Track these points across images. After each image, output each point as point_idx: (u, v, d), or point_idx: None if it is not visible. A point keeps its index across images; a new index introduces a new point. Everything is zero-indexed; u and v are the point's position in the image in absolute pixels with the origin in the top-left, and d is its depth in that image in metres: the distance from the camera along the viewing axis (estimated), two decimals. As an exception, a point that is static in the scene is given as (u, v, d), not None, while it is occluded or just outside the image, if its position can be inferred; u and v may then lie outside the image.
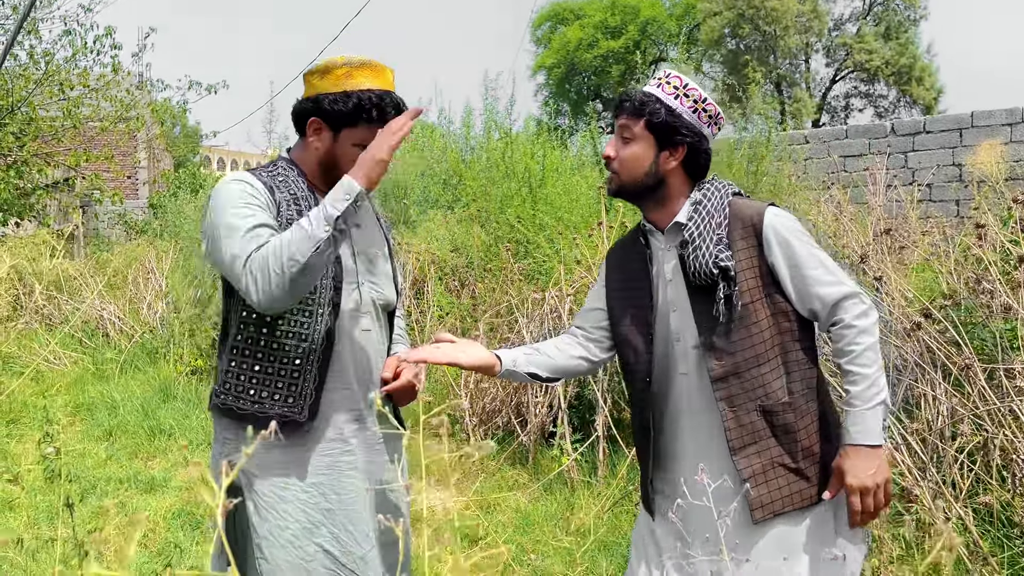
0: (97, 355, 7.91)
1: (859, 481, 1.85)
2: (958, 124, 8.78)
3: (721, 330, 1.93)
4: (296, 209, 1.93)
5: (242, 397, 1.92)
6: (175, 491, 4.66)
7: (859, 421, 1.86)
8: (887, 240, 5.17)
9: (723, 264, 1.90)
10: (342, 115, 1.93)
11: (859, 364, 1.88)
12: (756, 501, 1.90)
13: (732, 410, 1.93)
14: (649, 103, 2.01)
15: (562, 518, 3.97)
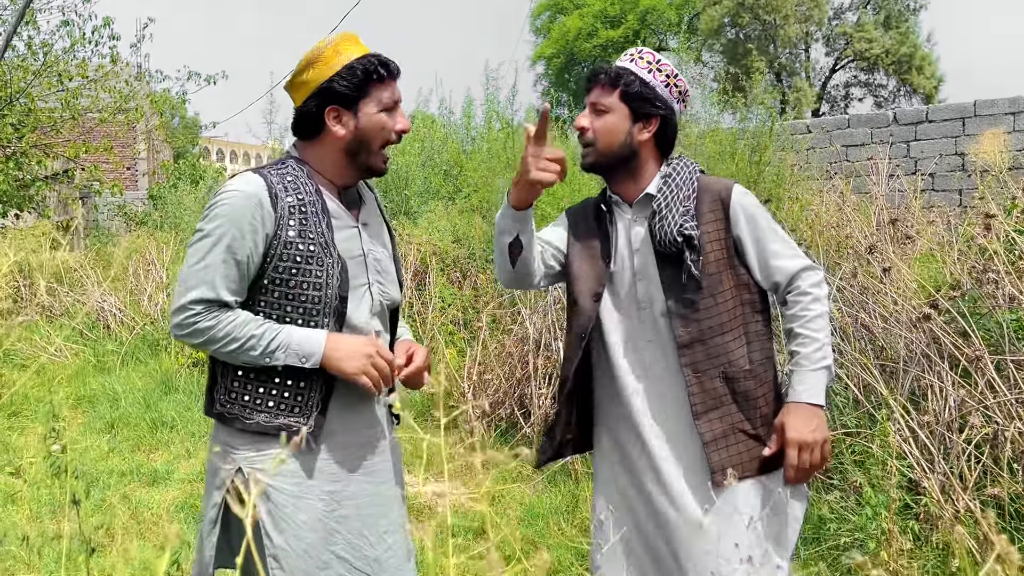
0: (98, 347, 7.89)
1: (799, 435, 1.93)
2: (961, 113, 8.74)
3: (688, 298, 2.01)
4: (300, 218, 1.87)
5: (248, 407, 1.88)
6: (178, 484, 4.65)
7: (804, 380, 1.97)
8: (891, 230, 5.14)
9: (687, 233, 1.98)
10: (356, 87, 1.91)
11: (810, 328, 1.99)
12: (716, 464, 1.97)
13: (696, 376, 2.00)
14: (624, 75, 2.08)
15: (567, 510, 3.96)
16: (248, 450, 1.89)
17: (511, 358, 5.13)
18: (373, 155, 1.95)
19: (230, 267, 1.83)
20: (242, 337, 1.82)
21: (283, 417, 1.87)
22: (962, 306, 3.43)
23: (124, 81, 12.65)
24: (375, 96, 1.92)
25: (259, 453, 1.88)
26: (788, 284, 2.04)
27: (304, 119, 1.96)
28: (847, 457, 3.42)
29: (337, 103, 1.92)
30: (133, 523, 4.09)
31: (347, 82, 1.90)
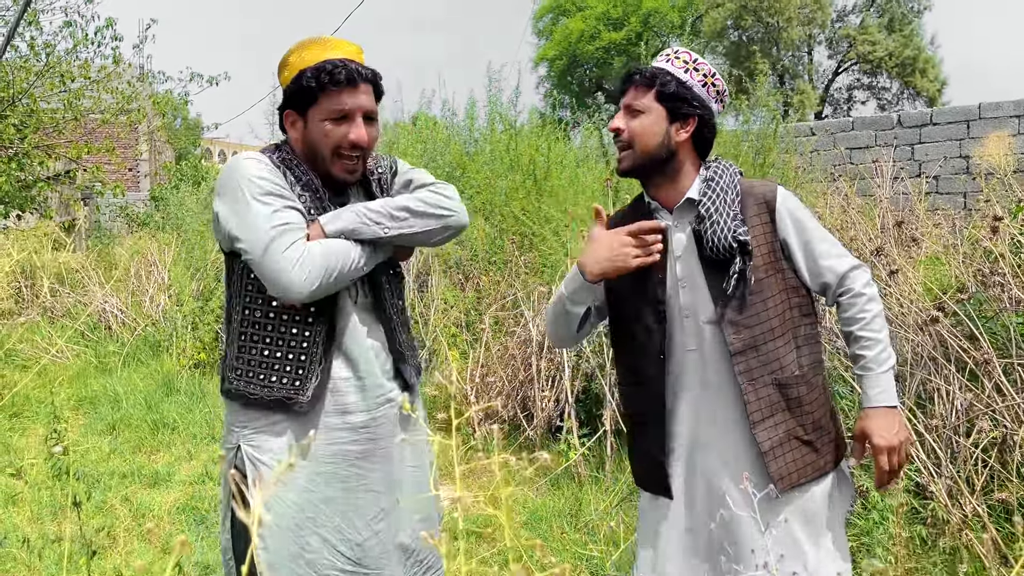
0: (100, 348, 7.88)
1: (886, 441, 1.92)
2: (965, 116, 8.71)
3: (739, 304, 1.96)
4: (308, 193, 1.93)
5: (252, 382, 1.90)
6: (179, 485, 4.63)
7: (877, 384, 1.95)
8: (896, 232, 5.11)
9: (742, 238, 1.93)
10: (300, 94, 1.92)
11: (871, 329, 1.96)
12: (776, 473, 1.93)
13: (751, 383, 1.96)
14: (660, 75, 2.03)
15: (570, 514, 3.93)
16: (246, 427, 1.92)
17: (514, 360, 5.11)
18: (327, 163, 1.93)
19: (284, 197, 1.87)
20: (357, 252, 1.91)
21: (283, 391, 1.87)
22: (969, 309, 3.41)
23: (126, 82, 12.64)
24: (322, 104, 1.90)
25: (256, 431, 1.91)
26: (839, 285, 2.01)
27: (279, 119, 2.00)
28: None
29: (291, 107, 1.95)
30: (134, 525, 4.07)
31: (295, 88, 1.92)
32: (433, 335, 6.21)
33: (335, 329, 1.93)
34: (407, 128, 10.62)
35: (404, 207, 1.94)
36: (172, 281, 8.47)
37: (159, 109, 14.13)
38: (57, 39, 12.13)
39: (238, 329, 1.94)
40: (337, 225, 1.89)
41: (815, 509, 1.98)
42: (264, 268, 1.81)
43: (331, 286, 1.85)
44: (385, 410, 1.98)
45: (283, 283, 1.79)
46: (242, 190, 1.85)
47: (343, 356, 1.94)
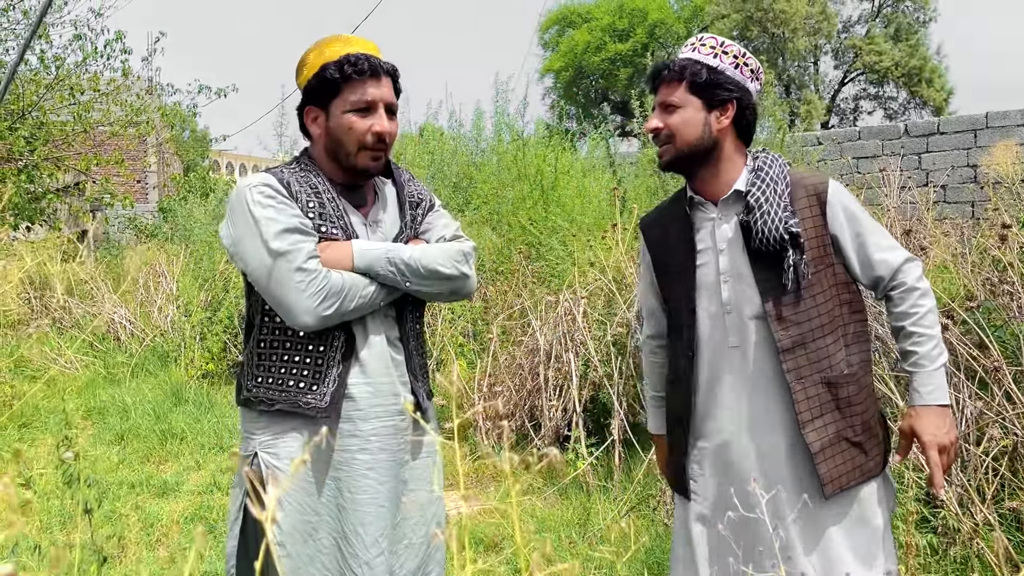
0: (108, 359, 7.90)
1: (937, 439, 1.87)
2: (972, 125, 8.71)
3: (788, 299, 1.91)
4: (318, 201, 1.93)
5: (271, 388, 1.91)
6: (188, 495, 4.64)
7: (928, 381, 1.89)
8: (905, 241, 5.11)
9: (794, 230, 1.88)
10: (322, 86, 1.93)
11: (924, 325, 1.90)
12: (827, 476, 1.88)
13: (800, 382, 1.90)
14: (689, 65, 1.98)
15: (579, 524, 3.92)
16: (264, 434, 1.93)
17: (521, 370, 5.11)
18: (352, 156, 1.94)
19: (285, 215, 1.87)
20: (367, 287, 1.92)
21: (300, 396, 1.88)
22: (979, 317, 3.40)
23: (135, 94, 12.72)
24: (344, 96, 1.92)
25: (274, 436, 1.92)
26: (891, 279, 1.95)
27: (299, 118, 2.02)
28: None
29: (313, 103, 1.97)
30: (143, 535, 4.08)
31: (317, 82, 1.93)
32: (440, 345, 6.21)
33: (354, 339, 1.94)
34: (414, 139, 10.65)
35: (434, 270, 1.96)
36: (180, 292, 8.50)
37: (167, 121, 14.21)
38: (67, 52, 12.23)
39: (257, 337, 1.95)
40: (367, 261, 1.90)
41: (862, 512, 1.93)
42: (271, 295, 1.85)
43: (341, 317, 1.86)
44: (396, 422, 1.98)
45: (291, 309, 1.82)
46: (245, 216, 1.86)
47: (359, 365, 1.94)
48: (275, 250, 1.81)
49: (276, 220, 1.84)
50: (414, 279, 1.94)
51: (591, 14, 33.58)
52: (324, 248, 1.88)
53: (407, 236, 2.05)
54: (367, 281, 1.89)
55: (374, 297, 1.91)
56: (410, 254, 1.93)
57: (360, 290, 1.87)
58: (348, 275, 1.87)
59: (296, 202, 1.89)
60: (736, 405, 1.98)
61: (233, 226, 1.89)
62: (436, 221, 2.11)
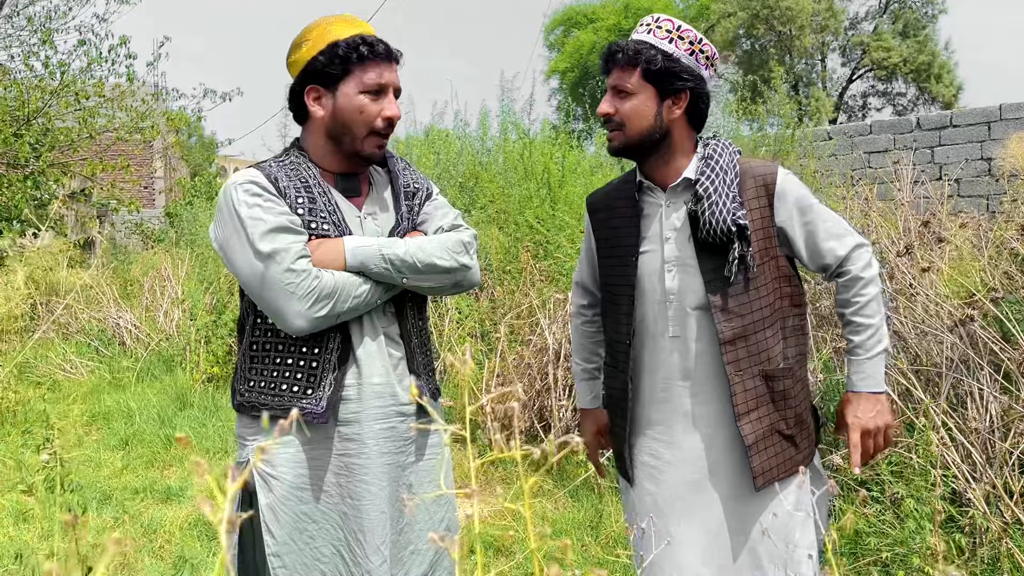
0: (113, 364, 7.83)
1: (861, 423, 1.91)
2: (986, 117, 8.57)
3: (732, 291, 1.89)
4: (308, 196, 1.84)
5: (264, 392, 1.83)
6: (191, 501, 4.55)
7: (861, 369, 1.93)
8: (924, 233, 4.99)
9: (741, 222, 1.84)
10: (336, 65, 1.84)
11: (864, 315, 1.93)
12: (758, 468, 1.88)
13: (739, 374, 1.89)
14: (643, 51, 1.91)
15: (591, 526, 3.82)
16: (256, 439, 1.86)
17: (530, 369, 5.01)
18: (358, 140, 1.86)
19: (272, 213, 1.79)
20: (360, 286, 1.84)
21: (296, 401, 1.80)
22: (1005, 308, 3.28)
23: (141, 99, 12.68)
24: (357, 76, 1.83)
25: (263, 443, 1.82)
26: (838, 267, 1.95)
27: (292, 99, 1.92)
28: (883, 468, 3.27)
29: (317, 82, 1.86)
30: (146, 541, 3.99)
31: (327, 60, 1.83)
32: (447, 345, 6.12)
33: (350, 339, 1.85)
34: (419, 140, 10.57)
35: (431, 264, 1.86)
36: (185, 295, 8.43)
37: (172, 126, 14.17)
38: (71, 58, 12.21)
39: (249, 339, 1.88)
40: (359, 259, 1.81)
41: (788, 504, 1.93)
42: (260, 299, 1.77)
43: (335, 319, 1.78)
44: (395, 424, 1.89)
45: (282, 312, 1.74)
46: (231, 216, 1.78)
47: (356, 366, 1.85)
48: (262, 251, 1.73)
49: (263, 220, 1.75)
50: (411, 275, 1.85)
51: (596, 15, 33.48)
52: (315, 247, 1.80)
53: (404, 228, 1.95)
54: (361, 280, 1.80)
55: (369, 296, 1.82)
56: (405, 249, 1.84)
57: (354, 290, 1.79)
58: (340, 275, 1.78)
59: (284, 198, 1.80)
60: (674, 397, 1.97)
61: (221, 227, 1.81)
62: (434, 211, 2.01)
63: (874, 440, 1.93)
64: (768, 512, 1.92)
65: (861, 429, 1.92)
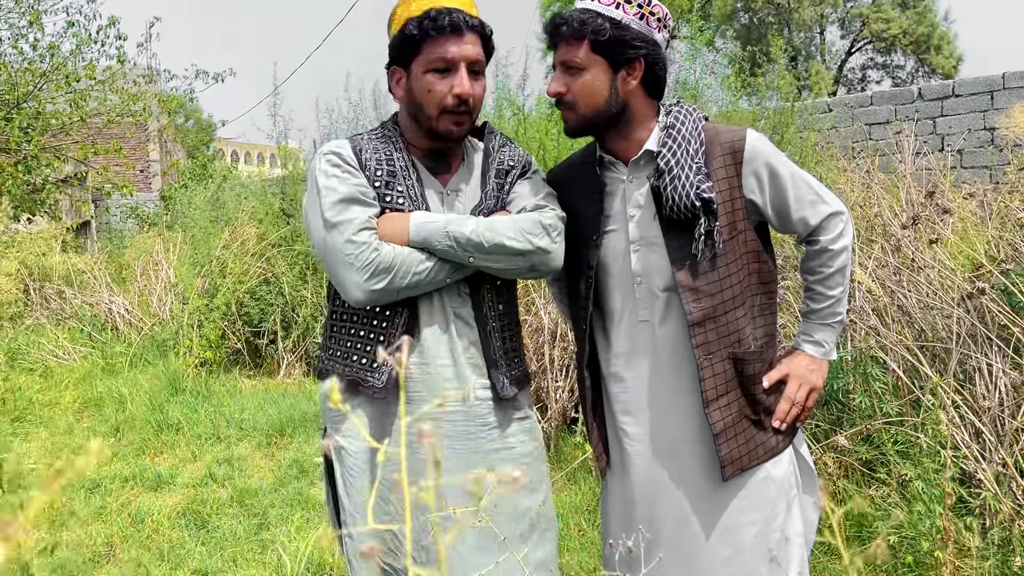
0: (106, 349, 7.73)
1: (798, 371, 1.86)
2: (989, 86, 8.40)
3: (700, 269, 1.76)
4: (389, 169, 1.81)
5: (336, 360, 1.86)
6: (182, 488, 4.46)
7: (812, 332, 1.90)
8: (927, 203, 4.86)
9: (705, 196, 1.72)
10: (404, 44, 1.80)
11: (826, 285, 1.87)
12: (727, 457, 1.78)
13: (708, 357, 1.78)
14: (589, 21, 1.76)
15: (588, 510, 3.72)
16: (332, 409, 1.88)
17: (526, 350, 4.90)
18: (433, 120, 1.80)
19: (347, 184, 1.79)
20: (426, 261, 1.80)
21: (364, 372, 1.81)
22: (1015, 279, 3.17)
23: (132, 81, 12.50)
24: (425, 55, 1.78)
25: (339, 414, 1.87)
26: (808, 235, 1.86)
27: (389, 83, 1.90)
28: (889, 447, 3.17)
29: (397, 63, 1.85)
30: (133, 531, 3.90)
31: (400, 40, 1.80)
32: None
33: (417, 318, 1.81)
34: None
35: (501, 244, 1.76)
36: (178, 279, 8.31)
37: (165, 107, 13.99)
38: (61, 40, 12.02)
39: (331, 307, 1.91)
40: (423, 235, 1.76)
41: (764, 492, 1.83)
42: (327, 267, 1.78)
43: (395, 294, 1.74)
44: (464, 408, 1.83)
45: (342, 283, 1.74)
46: (312, 184, 1.80)
47: (421, 346, 1.81)
48: (329, 220, 1.74)
49: (335, 190, 1.75)
50: (478, 254, 1.76)
51: (593, -11, 33.08)
52: (383, 220, 1.77)
53: (487, 207, 1.86)
54: (423, 256, 1.75)
55: (432, 273, 1.76)
56: (473, 227, 1.75)
57: (415, 266, 1.73)
58: (402, 249, 1.74)
59: (364, 171, 1.80)
60: (644, 384, 1.87)
61: (306, 194, 1.85)
62: (523, 189, 1.91)
63: (808, 395, 1.87)
64: (746, 499, 1.83)
65: (800, 377, 1.86)
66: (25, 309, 9.84)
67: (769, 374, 1.86)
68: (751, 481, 1.81)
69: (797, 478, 1.89)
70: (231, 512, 4.09)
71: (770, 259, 1.87)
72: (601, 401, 1.98)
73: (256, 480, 4.56)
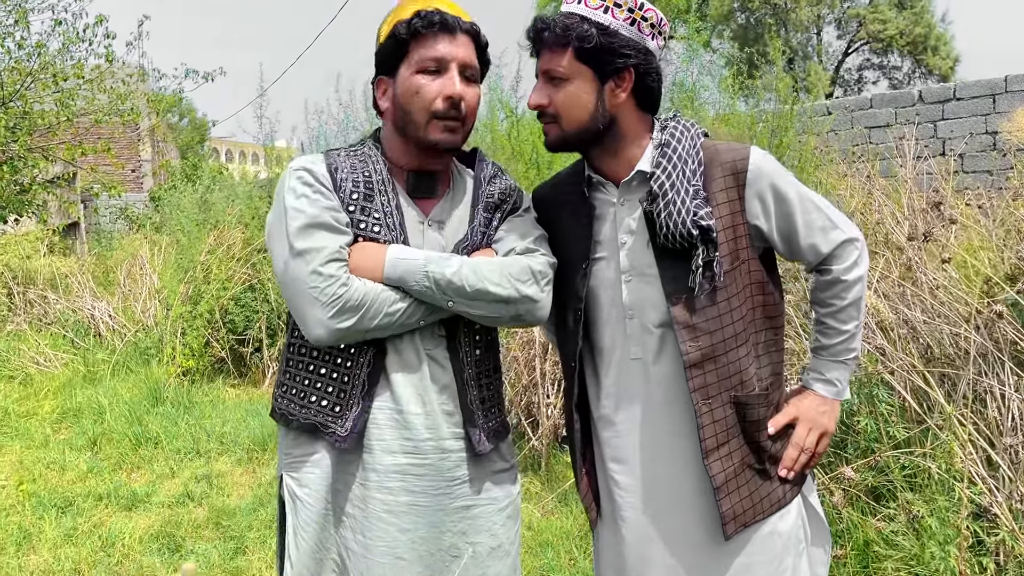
0: (88, 356, 7.53)
1: (807, 414, 1.71)
2: (991, 89, 8.24)
3: (698, 303, 1.58)
4: (366, 192, 1.61)
5: (293, 401, 1.68)
6: (157, 508, 4.28)
7: (823, 370, 1.73)
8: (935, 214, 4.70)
9: (704, 223, 1.54)
10: (391, 48, 1.62)
11: (839, 319, 1.70)
12: (729, 513, 1.60)
13: (707, 402, 1.60)
14: (574, 27, 1.57)
15: (580, 536, 3.55)
16: (290, 455, 1.71)
17: (516, 363, 4.72)
18: (422, 128, 1.60)
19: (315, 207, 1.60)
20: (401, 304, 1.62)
21: (321, 415, 1.63)
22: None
23: (121, 80, 12.31)
24: (414, 55, 1.60)
25: (297, 460, 1.69)
26: (819, 264, 1.69)
27: (374, 97, 1.73)
28: (897, 474, 3.00)
29: (384, 73, 1.66)
30: (104, 555, 3.72)
31: (389, 44, 1.63)
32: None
33: (384, 355, 1.62)
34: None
35: (485, 290, 1.58)
36: (162, 284, 8.12)
37: (154, 107, 13.79)
38: (48, 39, 11.83)
39: (288, 339, 1.73)
40: (399, 272, 1.57)
41: (772, 549, 1.65)
42: (287, 299, 1.58)
43: (362, 335, 1.56)
44: (434, 461, 1.64)
45: (304, 318, 1.54)
46: (279, 204, 1.61)
47: (389, 388, 1.62)
48: (294, 247, 1.55)
49: (303, 212, 1.56)
50: (458, 299, 1.58)
51: (589, -11, 32.92)
52: (356, 250, 1.58)
53: (472, 244, 1.67)
54: (397, 296, 1.57)
55: (406, 315, 1.57)
56: (456, 268, 1.57)
57: (386, 306, 1.55)
58: (374, 286, 1.55)
59: (339, 192, 1.60)
60: (636, 429, 1.68)
61: (272, 212, 1.66)
62: (513, 229, 1.72)
63: (818, 441, 1.71)
64: (750, 556, 1.65)
65: (810, 422, 1.70)
66: (8, 314, 9.64)
67: (775, 418, 1.68)
68: (755, 536, 1.64)
69: (806, 530, 1.72)
70: (206, 535, 3.91)
71: (776, 290, 1.69)
72: (591, 445, 1.80)
73: (235, 499, 4.38)
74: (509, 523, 1.75)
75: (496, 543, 1.71)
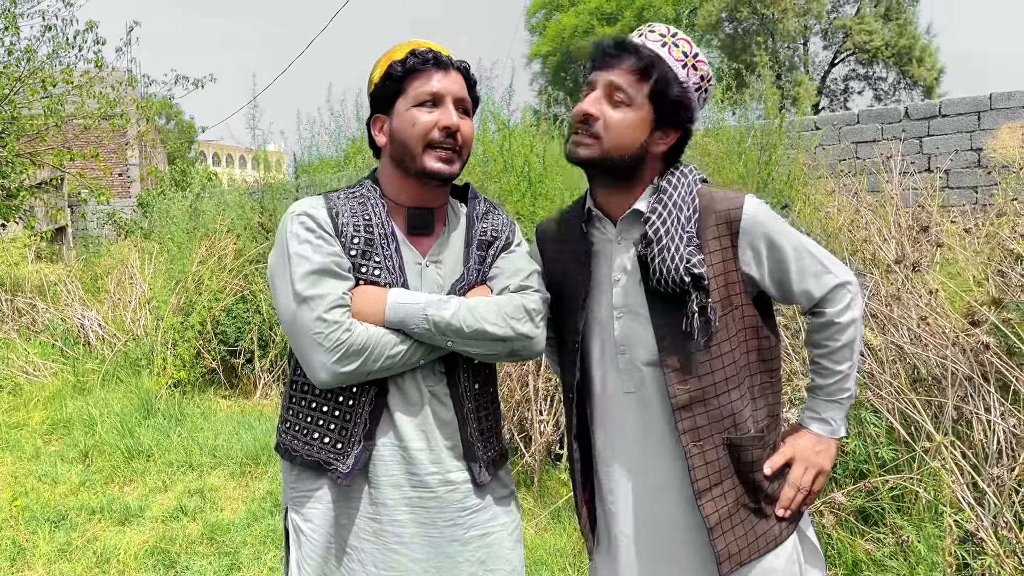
0: (78, 366, 7.52)
1: (803, 453, 1.73)
2: (976, 107, 8.36)
3: (688, 347, 1.61)
4: (367, 236, 1.67)
5: (296, 437, 1.73)
6: (151, 522, 4.29)
7: (818, 410, 1.76)
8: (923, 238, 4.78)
9: (696, 271, 1.57)
10: (387, 86, 1.71)
11: (833, 360, 1.73)
12: (723, 552, 1.62)
13: (697, 444, 1.63)
14: (658, 65, 1.62)
15: (574, 554, 3.59)
16: (294, 490, 1.77)
17: (509, 379, 4.77)
18: (418, 158, 1.67)
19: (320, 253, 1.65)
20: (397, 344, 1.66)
21: (324, 452, 1.68)
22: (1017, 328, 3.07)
23: (111, 86, 12.29)
24: (410, 92, 1.69)
25: (302, 495, 1.75)
26: (812, 307, 1.72)
27: (369, 135, 1.80)
28: (885, 495, 3.07)
29: (378, 111, 1.75)
30: (99, 572, 3.73)
31: (384, 83, 1.71)
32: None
33: (386, 396, 1.67)
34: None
35: (482, 331, 1.64)
36: (152, 293, 8.11)
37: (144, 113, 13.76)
38: (37, 44, 11.80)
39: (291, 376, 1.77)
40: (400, 316, 1.63)
41: None
42: (293, 343, 1.64)
43: (364, 377, 1.61)
44: (440, 493, 1.70)
45: (309, 363, 1.59)
46: (282, 248, 1.66)
47: (392, 424, 1.68)
48: (300, 294, 1.60)
49: (308, 259, 1.62)
50: (457, 339, 1.64)
51: (578, -3, 33.06)
52: (358, 295, 1.63)
53: (468, 283, 1.74)
54: (398, 339, 1.62)
55: (407, 356, 1.63)
56: (454, 311, 1.63)
57: (388, 349, 1.61)
58: (376, 331, 1.61)
59: (340, 237, 1.66)
60: (631, 464, 1.73)
61: (274, 255, 1.71)
62: (506, 265, 1.78)
63: (815, 480, 1.74)
64: None
65: (806, 461, 1.73)
66: (-3, 321, 9.59)
67: (772, 459, 1.72)
68: (751, 574, 1.68)
69: (801, 564, 1.76)
70: (201, 551, 3.93)
71: (772, 333, 1.73)
72: (591, 475, 1.85)
73: (228, 513, 4.40)
74: (517, 547, 1.81)
75: (511, 568, 1.77)
